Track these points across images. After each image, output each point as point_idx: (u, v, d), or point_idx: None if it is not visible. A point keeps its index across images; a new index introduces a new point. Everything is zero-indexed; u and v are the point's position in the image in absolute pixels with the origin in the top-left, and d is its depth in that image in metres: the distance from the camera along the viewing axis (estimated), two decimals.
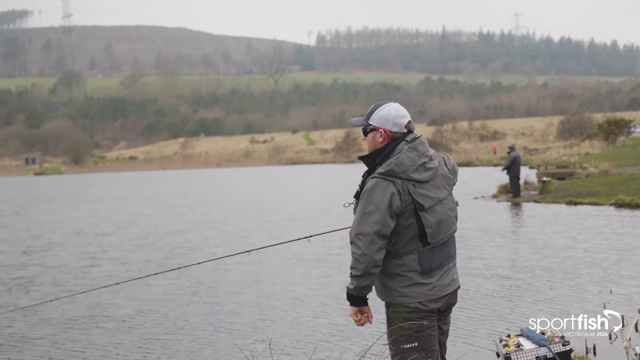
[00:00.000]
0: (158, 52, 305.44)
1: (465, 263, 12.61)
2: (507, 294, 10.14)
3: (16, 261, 16.07)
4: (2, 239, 21.20)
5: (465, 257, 13.26)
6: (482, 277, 11.42)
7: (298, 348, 7.95)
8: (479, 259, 13.21)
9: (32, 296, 11.54)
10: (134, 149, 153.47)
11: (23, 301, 11.10)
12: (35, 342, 8.70)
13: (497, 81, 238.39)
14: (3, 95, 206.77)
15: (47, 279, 13.26)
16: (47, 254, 17.00)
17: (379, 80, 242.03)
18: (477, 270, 12.07)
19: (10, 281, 13.29)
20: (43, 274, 13.88)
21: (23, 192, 53.92)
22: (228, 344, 8.25)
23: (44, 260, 15.94)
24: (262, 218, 24.08)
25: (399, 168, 3.87)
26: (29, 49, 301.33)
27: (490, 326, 8.44)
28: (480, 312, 9.17)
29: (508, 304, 9.55)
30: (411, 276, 3.91)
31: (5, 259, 16.51)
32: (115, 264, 14.83)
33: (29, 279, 13.47)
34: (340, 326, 8.78)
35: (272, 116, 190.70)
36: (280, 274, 12.79)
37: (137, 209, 31.44)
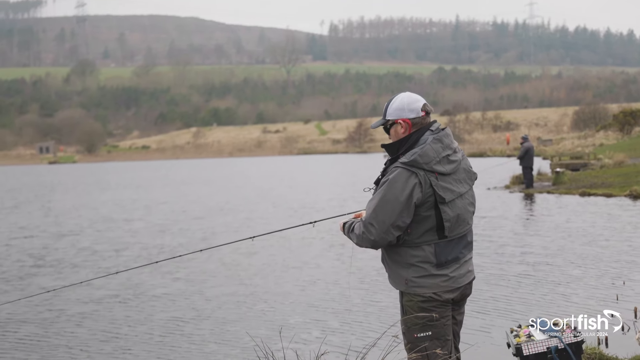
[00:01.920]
0: (171, 41, 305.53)
1: (479, 252, 12.57)
2: (519, 284, 10.10)
3: (50, 244, 16.65)
4: (30, 224, 21.76)
5: (478, 246, 13.23)
6: (494, 268, 11.37)
7: (308, 336, 7.94)
8: (492, 249, 13.17)
9: (77, 277, 11.95)
10: (147, 138, 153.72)
11: (64, 282, 11.49)
12: (85, 319, 9.20)
13: (510, 71, 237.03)
14: (18, 85, 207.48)
15: (82, 261, 13.82)
16: (78, 238, 17.60)
17: (391, 70, 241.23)
18: (489, 260, 12.02)
19: (48, 263, 13.78)
20: (79, 256, 14.49)
21: (41, 180, 54.20)
22: (239, 330, 8.28)
23: (76, 244, 16.57)
24: (278, 205, 24.16)
25: (423, 159, 3.86)
26: (43, 39, 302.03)
27: (502, 316, 8.41)
28: (492, 303, 9.13)
29: (521, 294, 9.51)
30: (426, 267, 3.91)
31: (38, 243, 17.06)
32: (141, 248, 15.28)
33: (66, 260, 14.03)
34: (351, 315, 8.77)
35: (285, 106, 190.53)
36: (291, 262, 12.79)
37: (156, 196, 32.06)
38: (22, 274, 12.75)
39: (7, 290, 11.21)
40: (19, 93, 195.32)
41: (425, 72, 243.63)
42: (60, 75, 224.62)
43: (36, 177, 61.55)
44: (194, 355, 7.51)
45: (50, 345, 8.09)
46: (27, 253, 15.42)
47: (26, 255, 15.02)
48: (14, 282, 11.99)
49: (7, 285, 11.63)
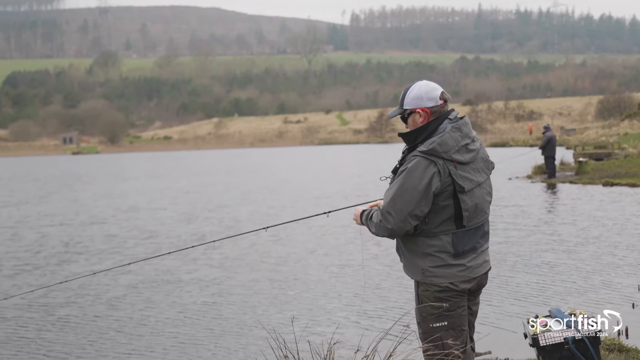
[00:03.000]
0: (192, 32, 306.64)
1: (504, 240, 12.50)
2: (536, 275, 10.01)
3: (81, 232, 17.10)
4: (59, 213, 22.15)
5: (504, 234, 13.16)
6: (518, 256, 11.29)
7: (320, 326, 7.95)
8: (518, 237, 13.09)
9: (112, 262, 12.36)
10: (169, 128, 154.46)
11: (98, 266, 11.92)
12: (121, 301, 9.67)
13: (534, 60, 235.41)
14: (41, 76, 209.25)
15: (112, 247, 14.25)
16: (106, 226, 18.07)
17: (413, 60, 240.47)
18: (506, 250, 11.94)
19: (80, 250, 14.22)
20: (109, 243, 14.95)
21: (66, 170, 54.68)
22: (251, 319, 8.31)
23: (105, 231, 17.04)
24: (300, 194, 24.23)
25: (442, 148, 3.80)
26: (66, 30, 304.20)
27: (518, 307, 8.35)
28: (508, 293, 9.07)
29: (537, 285, 9.43)
30: (443, 257, 3.86)
31: (69, 231, 17.48)
32: (170, 236, 15.59)
33: (98, 247, 14.47)
34: (363, 304, 8.76)
35: (306, 96, 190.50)
36: (309, 251, 12.81)
37: (180, 185, 32.45)
38: (58, 260, 13.16)
39: (44, 275, 11.68)
40: (42, 84, 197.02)
41: (447, 61, 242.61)
42: (83, 67, 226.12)
43: (61, 167, 62.16)
44: (208, 346, 7.54)
45: (88, 326, 8.51)
46: (60, 240, 15.81)
47: (59, 243, 15.40)
48: (50, 267, 12.41)
49: (45, 271, 12.04)
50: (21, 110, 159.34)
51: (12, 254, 14.07)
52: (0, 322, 8.88)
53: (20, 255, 13.87)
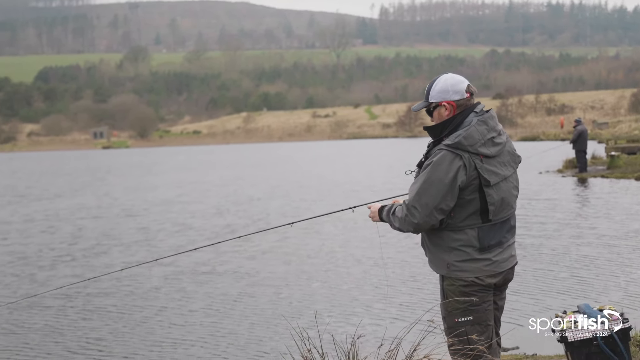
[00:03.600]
0: (221, 27, 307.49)
1: (530, 234, 12.39)
2: (575, 269, 9.91)
3: (117, 225, 17.64)
4: (94, 205, 22.76)
5: (530, 230, 13.05)
6: (546, 251, 11.19)
7: (344, 320, 7.94)
8: (544, 233, 12.96)
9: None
10: (198, 123, 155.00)
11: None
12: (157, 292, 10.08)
13: (566, 53, 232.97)
14: (72, 71, 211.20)
15: (147, 239, 14.71)
16: (141, 219, 18.59)
17: (442, 54, 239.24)
18: (540, 243, 11.84)
19: (118, 242, 14.69)
20: (144, 235, 15.48)
21: (98, 164, 55.26)
22: (278, 312, 8.34)
23: (140, 224, 17.55)
24: (330, 188, 24.31)
25: (468, 141, 3.77)
26: (97, 25, 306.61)
27: (547, 302, 8.26)
28: (537, 288, 8.98)
29: (566, 280, 9.33)
30: (469, 251, 3.83)
31: (105, 223, 18.04)
32: (204, 229, 16.01)
33: (134, 239, 14.98)
34: (388, 299, 8.72)
35: (334, 90, 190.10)
36: (335, 246, 12.81)
37: (211, 179, 32.95)
38: (97, 251, 13.60)
39: (82, 265, 12.14)
40: (73, 79, 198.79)
41: (477, 55, 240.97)
42: (114, 62, 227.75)
43: (92, 161, 62.84)
44: (236, 339, 7.57)
45: (126, 315, 8.87)
46: (96, 233, 16.23)
47: (96, 235, 15.80)
48: (89, 259, 12.84)
49: (83, 262, 12.46)
50: (53, 105, 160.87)
51: (50, 246, 14.55)
52: (42, 311, 9.18)
53: (59, 247, 14.28)
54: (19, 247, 14.41)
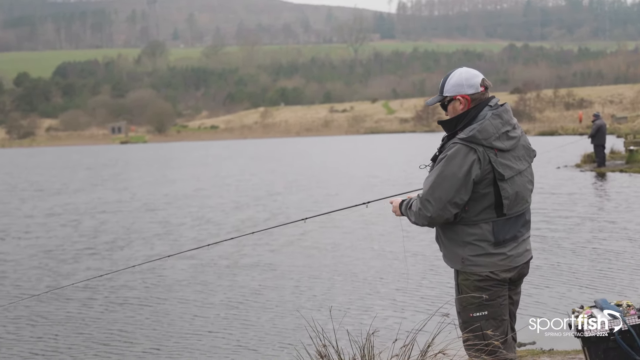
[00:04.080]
0: (239, 21, 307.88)
1: (551, 228, 12.34)
2: (587, 264, 9.85)
3: (138, 218, 17.84)
4: (114, 200, 22.92)
5: (551, 224, 13.00)
6: (556, 248, 11.12)
7: (359, 315, 7.95)
8: (564, 227, 12.90)
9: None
10: (215, 118, 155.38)
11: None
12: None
13: (584, 47, 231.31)
14: (91, 66, 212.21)
15: (167, 232, 14.87)
16: (162, 213, 18.73)
17: (460, 48, 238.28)
18: (562, 237, 11.78)
19: (139, 236, 14.82)
20: (165, 228, 15.57)
21: (116, 158, 55.58)
22: (289, 309, 8.36)
23: (160, 218, 17.75)
24: (350, 183, 24.34)
25: (482, 135, 3.76)
26: (115, 20, 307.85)
27: (563, 297, 8.23)
28: (553, 282, 8.94)
29: (588, 274, 9.27)
30: (483, 246, 3.82)
31: (126, 217, 18.23)
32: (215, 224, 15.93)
33: (155, 233, 15.20)
34: (403, 294, 8.72)
35: (352, 85, 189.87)
36: (343, 242, 12.83)
37: (230, 173, 33.26)
38: (119, 245, 13.79)
39: (104, 258, 12.32)
40: (92, 74, 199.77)
41: (495, 49, 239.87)
42: (132, 57, 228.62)
43: (110, 156, 63.18)
44: (251, 330, 7.61)
45: (149, 307, 9.02)
46: (119, 226, 16.45)
47: (121, 228, 16.02)
48: (114, 251, 13.07)
49: (107, 255, 12.67)
50: (71, 100, 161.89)
51: (73, 239, 14.71)
52: (66, 303, 9.35)
53: (81, 241, 14.44)
54: (42, 241, 14.61)
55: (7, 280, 10.75)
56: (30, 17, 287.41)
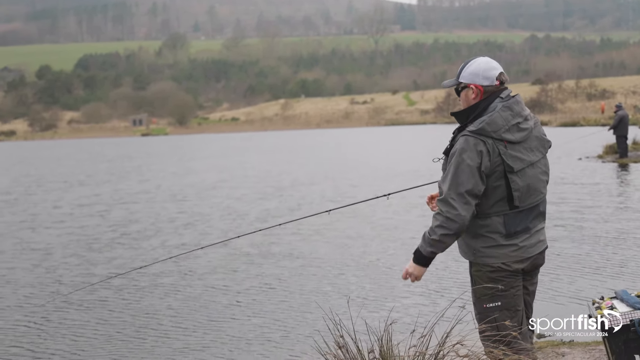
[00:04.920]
0: (259, 13, 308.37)
1: (565, 222, 12.26)
2: (604, 256, 9.78)
3: (168, 209, 17.95)
4: (142, 190, 23.11)
5: (578, 215, 12.93)
6: (577, 239, 11.05)
7: (377, 305, 7.95)
8: (578, 219, 12.81)
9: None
10: (236, 110, 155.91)
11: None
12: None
13: (607, 37, 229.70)
14: (112, 59, 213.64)
15: (197, 221, 14.83)
16: (190, 204, 18.79)
17: (481, 39, 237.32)
18: (572, 230, 11.70)
19: (171, 225, 14.94)
20: (195, 218, 15.54)
21: (139, 150, 55.93)
22: (309, 299, 8.39)
23: (190, 209, 17.73)
24: (375, 174, 24.37)
25: (491, 127, 3.72)
26: (136, 13, 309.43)
27: (582, 288, 8.18)
28: (573, 273, 8.89)
29: (604, 267, 9.21)
30: (495, 237, 3.79)
31: (156, 207, 18.37)
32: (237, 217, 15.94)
33: (186, 223, 15.25)
34: (418, 286, 8.71)
35: (372, 77, 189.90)
36: (362, 233, 12.84)
37: (254, 164, 33.35)
38: (152, 233, 14.06)
39: (141, 247, 12.49)
40: (113, 67, 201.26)
41: (516, 40, 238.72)
42: (153, 49, 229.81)
43: (134, 148, 63.51)
44: (268, 320, 7.64)
45: (188, 293, 9.20)
46: (149, 216, 16.61)
47: (149, 219, 16.16)
48: (152, 240, 13.24)
49: (145, 244, 12.85)
50: (92, 92, 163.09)
51: (105, 229, 14.89)
52: (104, 290, 9.52)
53: (113, 230, 14.65)
54: (77, 230, 14.86)
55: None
56: (53, 10, 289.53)
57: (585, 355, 5.78)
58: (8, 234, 14.54)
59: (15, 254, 12.33)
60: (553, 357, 5.79)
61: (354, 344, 4.09)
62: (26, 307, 8.74)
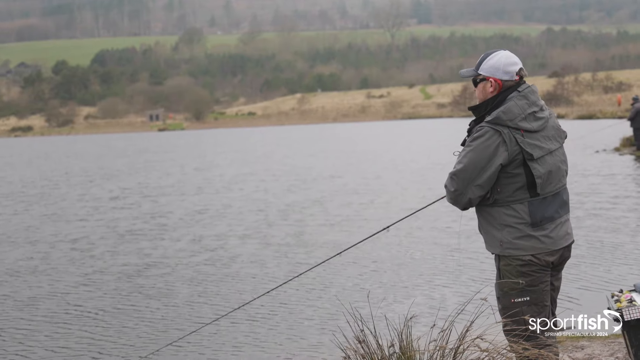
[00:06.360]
0: (276, 8, 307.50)
1: (579, 217, 12.23)
2: (624, 251, 9.76)
3: (198, 201, 18.55)
4: (174, 184, 23.67)
5: (579, 211, 12.88)
6: (598, 231, 11.03)
7: (397, 300, 7.98)
8: (595, 213, 12.77)
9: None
10: (253, 104, 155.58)
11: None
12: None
13: (623, 30, 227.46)
14: (128, 54, 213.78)
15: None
16: (215, 196, 18.92)
17: (498, 32, 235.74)
18: (592, 223, 11.68)
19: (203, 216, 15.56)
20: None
21: (160, 145, 56.12)
22: (331, 293, 8.42)
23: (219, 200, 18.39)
24: (405, 165, 24.39)
25: (507, 116, 3.77)
26: (152, 8, 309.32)
27: (601, 281, 8.19)
28: (591, 267, 8.88)
29: (624, 260, 9.19)
30: (521, 227, 3.81)
31: (191, 199, 19.01)
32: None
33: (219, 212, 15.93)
34: (440, 279, 8.73)
35: (389, 70, 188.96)
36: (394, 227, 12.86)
37: (278, 158, 33.76)
38: (188, 222, 14.65)
39: (180, 236, 12.87)
40: (129, 62, 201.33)
41: (533, 33, 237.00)
42: (169, 44, 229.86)
43: (153, 143, 63.66)
44: (290, 313, 7.70)
45: (220, 279, 9.62)
46: (180, 207, 17.20)
47: (181, 210, 16.70)
48: (189, 228, 13.85)
49: (182, 232, 13.42)
50: (109, 88, 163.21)
51: (134, 219, 15.40)
52: (148, 278, 9.89)
53: (143, 221, 15.17)
54: (119, 221, 15.31)
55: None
56: (69, 5, 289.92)
57: (605, 348, 5.81)
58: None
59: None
60: (572, 350, 5.82)
61: (374, 338, 4.13)
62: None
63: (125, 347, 6.96)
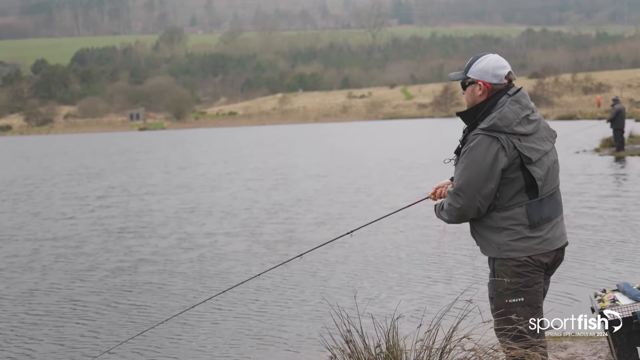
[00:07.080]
0: (257, 7, 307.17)
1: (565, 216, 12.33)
2: (608, 250, 9.84)
3: (198, 199, 18.64)
4: (152, 183, 23.52)
5: (565, 210, 13.01)
6: (583, 229, 11.11)
7: (383, 300, 7.99)
8: (580, 213, 12.87)
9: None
10: (234, 104, 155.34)
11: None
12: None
13: (603, 31, 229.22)
14: (108, 53, 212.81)
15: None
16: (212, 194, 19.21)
17: (478, 33, 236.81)
18: (577, 222, 11.76)
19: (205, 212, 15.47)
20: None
21: (142, 145, 55.86)
22: (316, 294, 8.42)
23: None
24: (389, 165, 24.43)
25: (503, 122, 3.76)
26: (132, 7, 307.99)
27: (586, 281, 8.25)
28: (576, 267, 8.95)
29: (605, 260, 9.27)
30: (519, 230, 3.80)
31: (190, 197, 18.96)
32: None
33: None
34: (427, 280, 8.76)
35: (370, 71, 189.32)
36: (375, 228, 12.86)
37: (266, 159, 33.14)
38: (176, 222, 14.72)
39: (168, 234, 12.32)
40: (109, 61, 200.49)
41: (513, 34, 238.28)
42: (150, 43, 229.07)
43: (134, 142, 63.33)
44: (268, 318, 7.69)
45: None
46: (173, 207, 17.14)
47: (173, 209, 16.73)
48: (178, 226, 13.97)
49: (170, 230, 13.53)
50: (89, 87, 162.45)
51: (122, 219, 15.42)
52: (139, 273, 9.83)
53: (135, 219, 15.25)
54: (108, 220, 15.31)
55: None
56: (48, 4, 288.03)
57: (588, 347, 5.84)
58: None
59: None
60: (555, 349, 5.86)
61: (360, 338, 4.13)
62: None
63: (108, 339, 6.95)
